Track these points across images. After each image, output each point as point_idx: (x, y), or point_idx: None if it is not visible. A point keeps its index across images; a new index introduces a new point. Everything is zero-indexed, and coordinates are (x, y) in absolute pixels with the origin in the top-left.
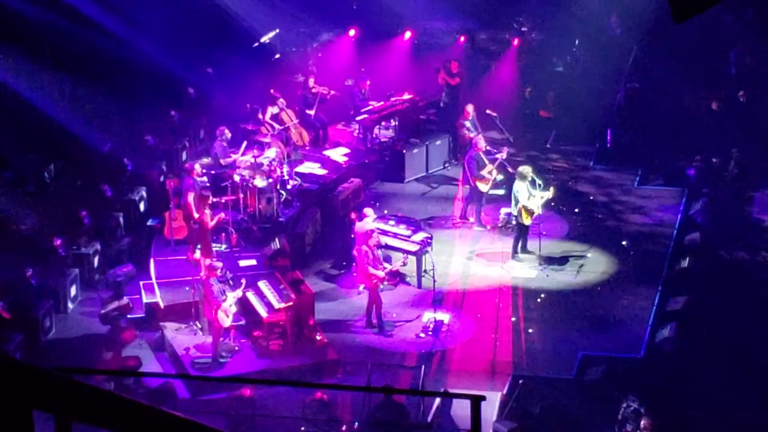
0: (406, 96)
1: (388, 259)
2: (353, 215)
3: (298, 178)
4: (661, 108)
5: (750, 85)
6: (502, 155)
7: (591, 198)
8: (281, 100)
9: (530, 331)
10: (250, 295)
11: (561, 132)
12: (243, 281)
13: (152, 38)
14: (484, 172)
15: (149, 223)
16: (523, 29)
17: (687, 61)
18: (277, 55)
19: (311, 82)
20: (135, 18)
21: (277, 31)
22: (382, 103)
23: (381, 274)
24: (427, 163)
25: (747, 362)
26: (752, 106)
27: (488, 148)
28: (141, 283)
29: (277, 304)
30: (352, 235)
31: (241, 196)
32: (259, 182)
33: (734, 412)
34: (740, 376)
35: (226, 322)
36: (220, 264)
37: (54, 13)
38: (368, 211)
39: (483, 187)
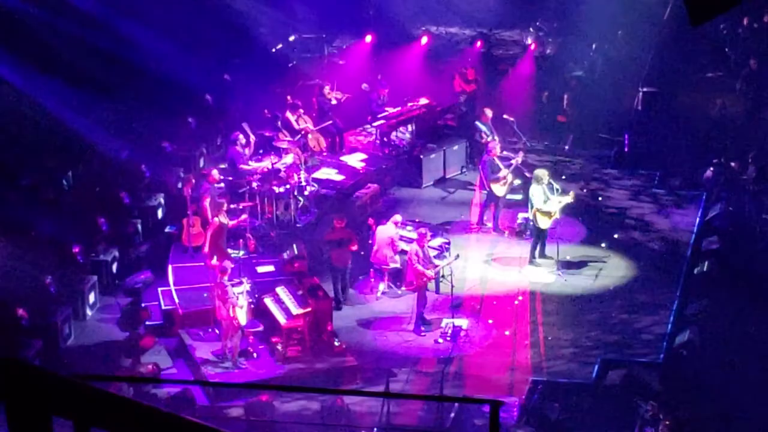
0: (423, 101)
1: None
2: (371, 221)
3: (315, 184)
4: (679, 111)
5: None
6: (517, 159)
7: (609, 202)
8: (299, 107)
9: (549, 338)
10: (269, 301)
11: (578, 136)
12: (244, 278)
13: (170, 45)
14: (498, 176)
15: (167, 229)
16: (540, 33)
17: (704, 63)
18: (293, 62)
19: (326, 89)
20: (152, 25)
21: (294, 37)
22: (399, 108)
23: (431, 273)
24: (444, 168)
25: (767, 367)
26: None
27: (505, 153)
28: (159, 289)
29: (295, 310)
30: (370, 241)
31: (259, 202)
32: (277, 188)
33: (754, 417)
34: (760, 382)
35: (243, 320)
36: (231, 265)
37: (71, 21)
38: (397, 217)
39: (498, 191)
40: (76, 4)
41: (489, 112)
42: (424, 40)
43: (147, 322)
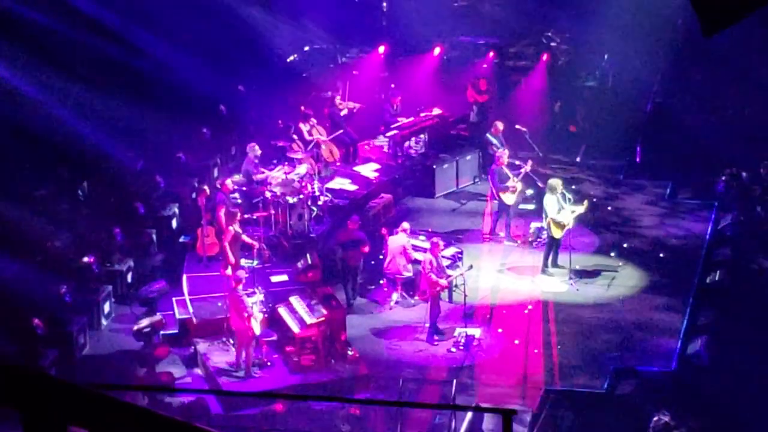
0: (436, 111)
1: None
2: (384, 230)
3: (328, 194)
4: (691, 122)
5: None
6: (526, 168)
7: (621, 212)
8: (312, 117)
9: (559, 347)
10: (282, 311)
11: (591, 146)
12: (258, 288)
13: (184, 56)
14: (508, 185)
15: (182, 239)
16: (553, 44)
17: (715, 74)
18: (307, 73)
19: (338, 99)
20: (167, 36)
21: (308, 48)
22: (412, 118)
23: (444, 282)
24: (457, 178)
25: None
26: None
27: (517, 162)
28: (174, 299)
29: (308, 320)
30: (383, 251)
31: (273, 212)
32: (291, 198)
33: (765, 420)
34: None
35: (257, 329)
36: (245, 274)
37: (87, 31)
38: (405, 225)
39: (508, 199)
40: (92, 14)
41: (500, 125)
42: (437, 50)
43: (161, 332)
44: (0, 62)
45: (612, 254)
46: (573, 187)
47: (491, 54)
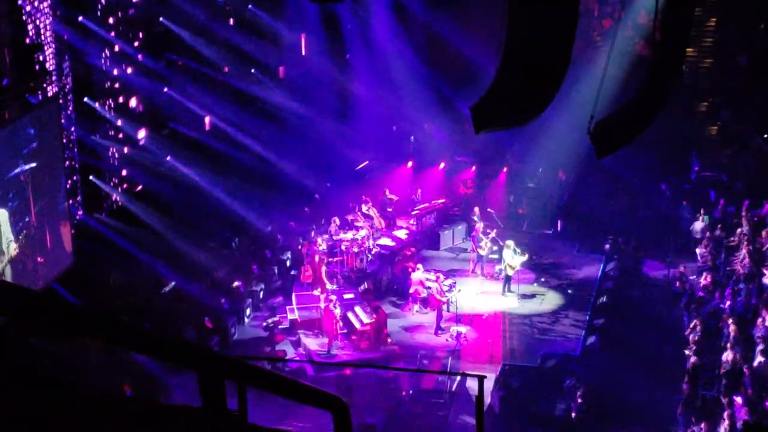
0: (441, 200)
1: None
2: (410, 270)
3: (378, 247)
4: (589, 209)
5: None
6: (492, 234)
7: (548, 261)
8: (370, 202)
9: (513, 340)
10: (350, 315)
11: (531, 222)
12: (338, 303)
13: (296, 166)
14: (482, 244)
15: (292, 273)
16: (509, 161)
17: (604, 183)
18: (367, 176)
19: (387, 192)
20: (283, 155)
21: (367, 162)
22: (427, 204)
23: (444, 299)
24: (453, 238)
25: (640, 355)
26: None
27: (488, 230)
28: (287, 307)
29: (365, 320)
30: (408, 282)
31: (345, 257)
32: (356, 249)
33: (632, 383)
34: (635, 364)
35: (338, 327)
36: (334, 297)
37: (239, 151)
38: (420, 266)
39: (482, 251)
40: (242, 140)
41: (477, 209)
42: (442, 165)
43: (279, 326)
44: (188, 167)
45: (534, 284)
46: (518, 244)
47: (473, 167)
